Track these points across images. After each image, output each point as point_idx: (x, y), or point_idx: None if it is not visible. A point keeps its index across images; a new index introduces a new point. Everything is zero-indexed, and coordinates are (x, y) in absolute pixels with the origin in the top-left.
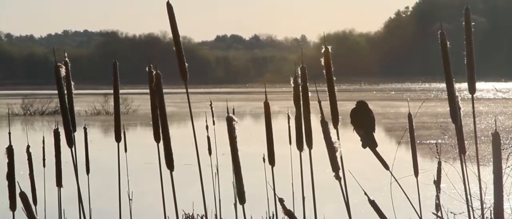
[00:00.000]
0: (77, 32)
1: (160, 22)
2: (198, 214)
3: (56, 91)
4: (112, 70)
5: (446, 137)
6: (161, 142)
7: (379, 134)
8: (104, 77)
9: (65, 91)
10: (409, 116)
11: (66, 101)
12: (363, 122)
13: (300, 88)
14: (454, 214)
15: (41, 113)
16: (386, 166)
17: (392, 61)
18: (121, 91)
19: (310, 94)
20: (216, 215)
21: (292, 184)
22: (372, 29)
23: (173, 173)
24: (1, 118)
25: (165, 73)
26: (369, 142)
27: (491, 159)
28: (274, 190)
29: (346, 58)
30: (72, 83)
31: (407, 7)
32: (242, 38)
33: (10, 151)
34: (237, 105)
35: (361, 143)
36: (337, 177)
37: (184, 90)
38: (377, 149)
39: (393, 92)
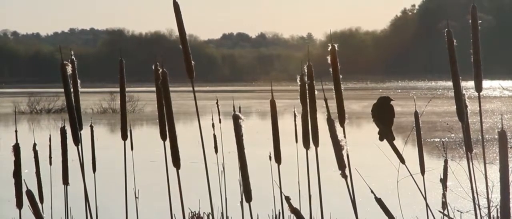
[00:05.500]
0: (83, 30)
1: (166, 20)
2: (204, 212)
3: (62, 89)
4: (118, 68)
5: (453, 135)
6: (168, 140)
7: None
8: (111, 75)
9: (72, 89)
10: (416, 114)
11: (73, 99)
12: (383, 116)
13: (307, 87)
14: (461, 212)
15: (47, 111)
16: (402, 160)
17: (398, 59)
18: (127, 89)
19: (316, 92)
20: (222, 214)
21: (299, 182)
22: (378, 28)
23: (179, 171)
24: (7, 116)
25: (172, 71)
26: (387, 135)
27: (498, 157)
28: (280, 188)
29: (352, 57)
30: (78, 81)
31: (414, 5)
32: (248, 36)
33: (16, 149)
34: (243, 104)
35: (378, 136)
36: (343, 175)
37: (191, 88)
38: (381, 147)
39: (399, 91)
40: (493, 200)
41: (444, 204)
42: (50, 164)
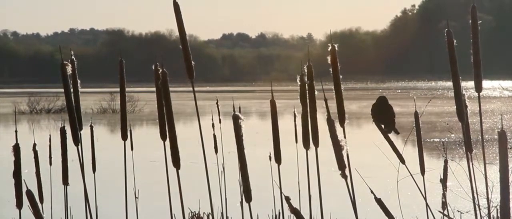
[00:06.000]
0: (83, 30)
1: (166, 20)
2: (204, 212)
3: (62, 90)
4: (118, 69)
5: (453, 135)
6: (168, 140)
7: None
8: (111, 75)
9: (72, 89)
10: (416, 114)
11: (73, 99)
12: (384, 115)
13: (307, 87)
14: (461, 213)
15: (47, 111)
16: (402, 160)
17: (398, 59)
18: (127, 89)
19: (316, 92)
20: (222, 214)
21: (298, 182)
22: (378, 28)
23: (179, 171)
24: (7, 116)
25: (171, 72)
26: (391, 129)
27: (498, 157)
28: (280, 188)
29: (352, 57)
30: (78, 81)
31: (414, 6)
32: (248, 37)
33: (16, 149)
34: (243, 104)
35: (384, 128)
36: (343, 175)
37: (190, 88)
38: (381, 147)
39: (399, 91)
40: (493, 200)
41: (444, 204)
42: (50, 164)
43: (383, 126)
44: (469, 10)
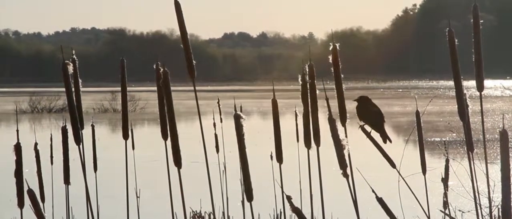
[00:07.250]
0: (84, 30)
1: (167, 19)
2: (205, 212)
3: (63, 89)
4: (120, 68)
5: (454, 134)
6: (169, 139)
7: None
8: (112, 75)
9: (73, 89)
10: (417, 114)
11: (74, 98)
12: (371, 117)
13: (308, 86)
14: (462, 212)
15: (48, 110)
16: (392, 164)
17: (399, 58)
18: (128, 89)
19: (317, 92)
20: (223, 213)
21: (300, 181)
22: (379, 27)
23: (180, 170)
24: (8, 115)
25: (173, 71)
26: (384, 135)
27: (499, 157)
28: (281, 187)
29: (353, 56)
30: (80, 80)
31: (415, 5)
32: (250, 36)
33: (18, 148)
34: (244, 103)
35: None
36: (345, 175)
37: (192, 87)
38: (384, 146)
39: (400, 90)
40: (494, 199)
41: (446, 204)
42: (51, 163)
43: (371, 125)
44: (471, 9)
